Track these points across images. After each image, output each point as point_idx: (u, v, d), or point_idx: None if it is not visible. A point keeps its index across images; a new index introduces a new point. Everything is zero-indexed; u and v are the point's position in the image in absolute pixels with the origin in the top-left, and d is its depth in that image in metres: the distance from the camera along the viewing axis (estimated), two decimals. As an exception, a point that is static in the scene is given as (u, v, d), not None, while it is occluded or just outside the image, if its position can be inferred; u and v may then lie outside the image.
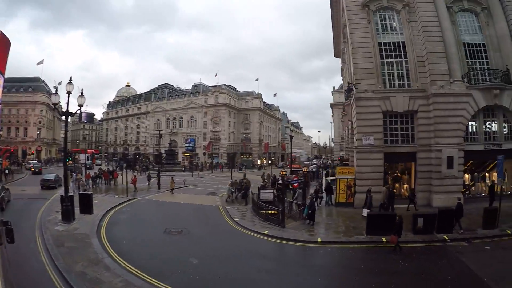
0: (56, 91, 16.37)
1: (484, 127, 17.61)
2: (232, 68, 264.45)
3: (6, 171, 30.32)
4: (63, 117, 14.86)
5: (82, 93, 14.41)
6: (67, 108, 14.37)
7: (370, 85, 17.92)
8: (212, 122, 66.80)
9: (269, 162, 71.82)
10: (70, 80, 14.22)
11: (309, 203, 14.55)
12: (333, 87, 73.93)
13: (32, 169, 37.31)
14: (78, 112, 15.56)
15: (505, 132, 17.53)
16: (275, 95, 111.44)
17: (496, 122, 17.60)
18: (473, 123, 17.60)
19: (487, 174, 18.46)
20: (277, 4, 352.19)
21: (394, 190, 17.22)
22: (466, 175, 17.95)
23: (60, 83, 73.04)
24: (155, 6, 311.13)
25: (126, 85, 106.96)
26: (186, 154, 64.02)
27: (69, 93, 13.97)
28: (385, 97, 17.73)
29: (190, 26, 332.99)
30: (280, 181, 20.04)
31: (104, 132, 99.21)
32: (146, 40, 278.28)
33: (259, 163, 67.28)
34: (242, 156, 69.18)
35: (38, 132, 67.39)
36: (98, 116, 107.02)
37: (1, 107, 59.71)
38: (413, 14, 18.45)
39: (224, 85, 72.48)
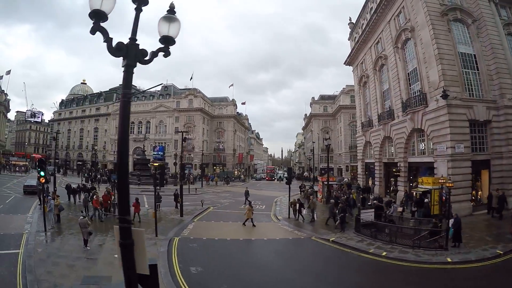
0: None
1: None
2: (178, 76, 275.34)
3: None
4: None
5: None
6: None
7: (457, 93, 20.68)
8: (185, 128, 68.71)
9: (246, 173, 75.16)
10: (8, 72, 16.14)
11: (454, 222, 14.29)
12: (313, 98, 79.42)
13: None
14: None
15: None
16: (243, 103, 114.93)
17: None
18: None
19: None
20: (224, 14, 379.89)
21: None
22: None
23: (8, 72, 72.78)
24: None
25: (82, 83, 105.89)
26: (154, 164, 65.34)
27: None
28: (469, 106, 20.89)
29: (138, 30, 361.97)
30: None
31: (55, 135, 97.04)
32: (93, 42, 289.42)
33: (235, 174, 69.89)
34: (214, 167, 71.46)
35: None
36: (47, 117, 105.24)
37: None
38: (480, 30, 22.13)
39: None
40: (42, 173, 19.76)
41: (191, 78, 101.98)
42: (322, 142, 69.82)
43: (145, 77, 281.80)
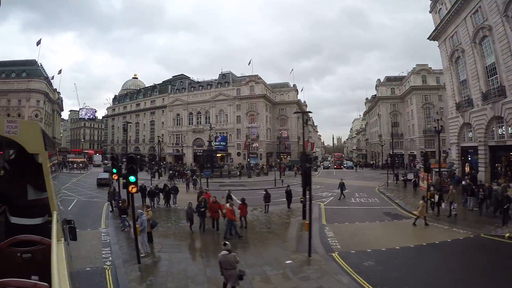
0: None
1: None
2: (220, 68, 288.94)
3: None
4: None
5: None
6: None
7: None
8: (247, 117, 71.61)
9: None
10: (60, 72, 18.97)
11: None
12: (378, 80, 79.41)
13: None
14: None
15: None
16: (301, 90, 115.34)
17: None
18: None
19: None
20: (260, 5, 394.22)
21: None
22: None
23: (59, 72, 79.95)
24: (143, 8, 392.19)
25: (133, 77, 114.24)
26: (217, 155, 69.09)
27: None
28: None
29: (178, 28, 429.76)
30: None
31: (110, 130, 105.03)
32: (135, 42, 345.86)
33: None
34: (280, 156, 73.96)
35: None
36: (99, 115, 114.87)
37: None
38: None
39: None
40: (114, 170, 20.98)
41: (250, 63, 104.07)
42: (390, 126, 70.14)
43: (189, 71, 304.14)
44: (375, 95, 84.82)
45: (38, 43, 71.64)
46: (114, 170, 21.11)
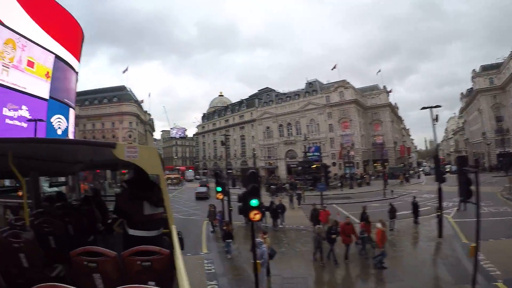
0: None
1: None
2: (299, 80, 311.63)
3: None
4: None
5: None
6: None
7: None
8: (339, 125, 72.26)
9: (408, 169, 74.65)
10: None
11: None
12: (473, 70, 73.79)
13: None
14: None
15: None
16: (390, 91, 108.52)
17: None
18: None
19: None
20: (329, 13, 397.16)
21: None
22: None
23: (149, 95, 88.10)
24: (217, 32, 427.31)
25: (219, 95, 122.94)
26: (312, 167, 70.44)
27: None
28: None
29: (254, 46, 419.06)
30: None
31: (201, 146, 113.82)
32: (215, 63, 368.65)
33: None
34: (375, 164, 73.08)
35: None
36: (189, 133, 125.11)
37: (84, 122, 73.21)
38: None
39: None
40: (219, 188, 19.46)
41: (334, 67, 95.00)
42: (495, 122, 64.71)
43: (270, 86, 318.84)
44: (471, 88, 78.64)
45: (125, 70, 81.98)
46: (219, 189, 19.51)
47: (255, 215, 10.27)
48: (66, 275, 5.06)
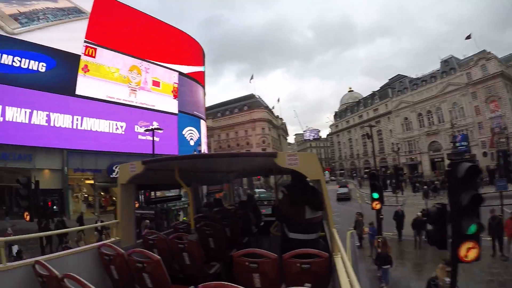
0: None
1: None
2: (429, 64, 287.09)
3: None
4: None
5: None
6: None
7: None
8: (487, 105, 63.76)
9: None
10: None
11: None
12: None
13: None
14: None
15: None
16: None
17: None
18: None
19: None
20: None
21: None
22: None
23: (278, 100, 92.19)
24: (333, 29, 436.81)
25: (349, 91, 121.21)
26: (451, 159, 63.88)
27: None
28: None
29: (372, 36, 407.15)
30: None
31: (336, 146, 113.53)
32: (337, 61, 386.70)
33: None
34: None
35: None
36: (323, 134, 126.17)
37: (218, 133, 79.25)
38: None
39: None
40: (375, 195, 15.21)
41: (468, 37, 72.03)
42: None
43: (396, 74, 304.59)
44: None
45: (251, 78, 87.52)
46: (376, 195, 15.35)
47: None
48: (222, 272, 6.17)
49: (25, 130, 29.38)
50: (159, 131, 31.97)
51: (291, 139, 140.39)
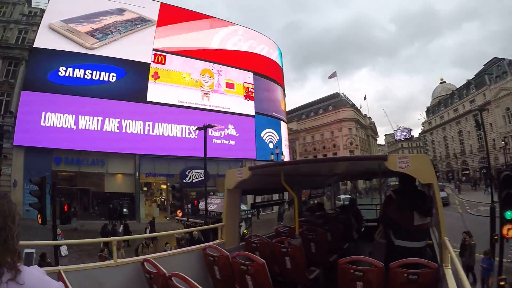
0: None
1: None
2: None
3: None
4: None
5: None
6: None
7: None
8: None
9: None
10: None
11: None
12: None
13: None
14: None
15: None
16: None
17: None
18: None
19: None
20: None
21: None
22: None
23: (365, 98, 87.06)
24: (415, 19, 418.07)
25: (441, 82, 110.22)
26: None
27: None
28: None
29: (457, 21, 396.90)
30: None
31: (430, 146, 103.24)
32: (423, 54, 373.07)
33: None
34: None
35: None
36: (415, 133, 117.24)
37: (303, 136, 75.97)
38: None
39: None
40: (510, 214, 9.34)
41: None
42: None
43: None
44: None
45: (332, 75, 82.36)
46: (510, 215, 9.52)
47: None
48: (321, 278, 6.19)
49: (97, 136, 30.92)
50: (212, 127, 29.18)
51: (381, 140, 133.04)
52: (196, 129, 27.59)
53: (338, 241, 7.39)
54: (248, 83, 41.68)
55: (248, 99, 41.38)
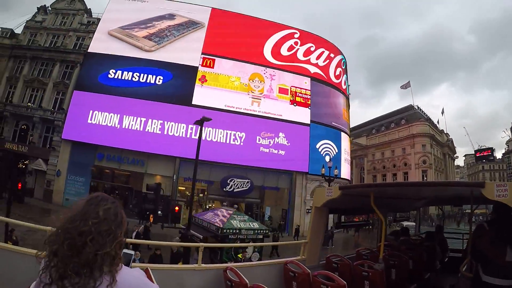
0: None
1: None
2: None
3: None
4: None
5: None
6: None
7: None
8: None
9: None
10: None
11: None
12: None
13: None
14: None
15: None
16: None
17: None
18: None
19: None
20: None
21: None
22: None
23: (442, 112, 79.74)
24: (496, 28, 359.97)
25: None
26: None
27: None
28: None
29: None
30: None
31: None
32: (508, 66, 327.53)
33: None
34: None
35: (424, 177, 67.12)
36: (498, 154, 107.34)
37: (372, 152, 71.78)
38: None
39: None
40: None
41: None
42: None
43: None
44: None
45: (405, 85, 76.28)
46: None
47: None
48: None
49: (139, 137, 31.74)
50: (208, 121, 26.36)
51: (460, 161, 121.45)
52: (195, 123, 26.36)
53: (420, 269, 7.11)
54: (305, 89, 38.40)
55: (303, 106, 38.47)
